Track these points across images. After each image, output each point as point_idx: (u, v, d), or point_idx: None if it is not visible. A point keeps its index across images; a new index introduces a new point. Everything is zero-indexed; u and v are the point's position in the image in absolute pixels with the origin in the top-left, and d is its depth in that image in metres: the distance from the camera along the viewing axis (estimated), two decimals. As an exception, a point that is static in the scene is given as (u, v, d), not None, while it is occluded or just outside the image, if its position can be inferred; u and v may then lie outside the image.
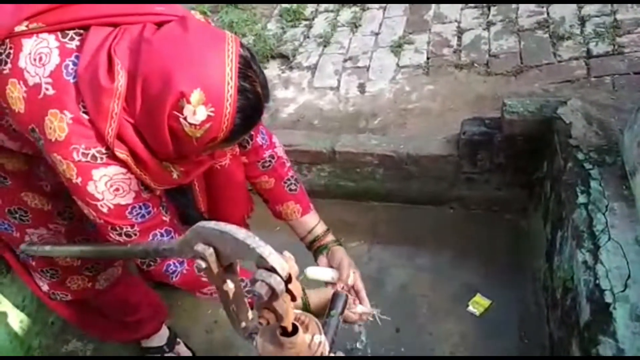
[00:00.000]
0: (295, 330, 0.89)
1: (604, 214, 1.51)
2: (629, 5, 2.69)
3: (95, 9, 1.01)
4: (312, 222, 1.53)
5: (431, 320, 1.94)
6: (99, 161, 1.01)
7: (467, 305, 1.94)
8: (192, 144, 0.99)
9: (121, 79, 0.95)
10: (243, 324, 0.99)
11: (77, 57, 0.98)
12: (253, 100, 0.98)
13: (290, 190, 1.49)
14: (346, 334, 1.43)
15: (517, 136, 2.02)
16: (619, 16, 2.64)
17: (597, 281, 1.36)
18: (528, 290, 1.95)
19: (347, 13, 3.30)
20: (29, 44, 0.99)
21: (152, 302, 1.83)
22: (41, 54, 0.98)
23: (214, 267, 0.84)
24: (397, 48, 2.92)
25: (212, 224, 0.82)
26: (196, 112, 0.92)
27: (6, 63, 0.99)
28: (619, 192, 1.56)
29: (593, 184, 1.60)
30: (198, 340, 2.01)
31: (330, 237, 1.53)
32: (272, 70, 3.03)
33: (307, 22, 3.34)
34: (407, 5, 3.22)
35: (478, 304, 1.94)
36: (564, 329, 1.56)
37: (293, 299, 0.80)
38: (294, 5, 3.44)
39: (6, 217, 1.35)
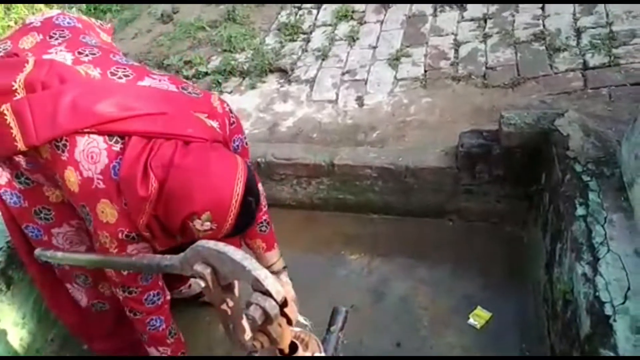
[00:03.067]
0: (295, 348, 0.89)
1: (602, 226, 1.51)
2: (624, 16, 2.71)
3: (140, 125, 1.22)
4: (272, 259, 1.71)
5: (432, 333, 1.94)
6: (134, 240, 1.29)
7: (468, 318, 1.94)
8: (196, 236, 1.21)
9: (153, 190, 1.18)
10: (242, 342, 0.99)
11: (120, 160, 1.20)
12: (250, 214, 1.25)
13: (261, 231, 1.67)
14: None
15: (515, 148, 2.03)
16: (614, 27, 2.66)
17: (597, 293, 1.35)
18: (528, 303, 1.95)
19: (344, 27, 3.32)
20: (82, 142, 1.21)
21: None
22: (92, 153, 1.21)
23: (212, 286, 0.84)
24: (394, 61, 2.93)
25: (211, 243, 0.82)
26: (203, 225, 1.18)
27: (64, 151, 1.22)
28: (617, 204, 1.56)
29: (591, 195, 1.61)
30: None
31: (284, 276, 1.71)
32: (270, 85, 3.05)
33: (305, 36, 3.36)
34: (404, 18, 3.24)
35: (478, 317, 1.93)
36: (565, 341, 1.56)
37: (289, 322, 0.80)
38: (292, 20, 3.47)
39: (33, 219, 1.49)
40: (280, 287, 0.76)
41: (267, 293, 0.75)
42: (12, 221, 1.51)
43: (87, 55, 1.31)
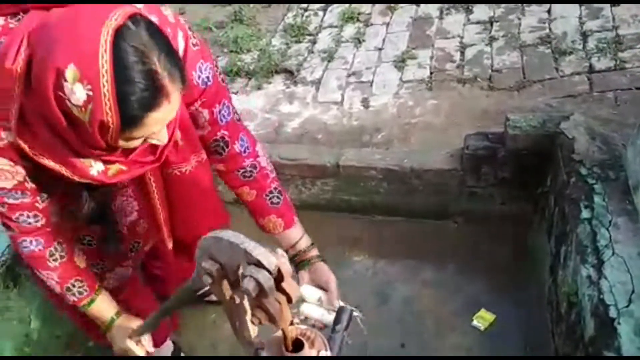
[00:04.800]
0: (301, 345, 0.90)
1: (607, 229, 1.51)
2: (631, 20, 2.71)
3: None
4: (296, 236, 1.44)
5: (436, 335, 1.94)
6: None
7: (472, 320, 1.94)
8: (87, 129, 0.92)
9: (21, 62, 0.92)
10: (248, 340, 1.00)
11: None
12: (143, 78, 0.88)
13: (272, 203, 1.41)
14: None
15: (520, 151, 2.03)
16: (620, 31, 2.66)
17: (602, 296, 1.36)
18: (533, 305, 1.95)
19: (350, 28, 3.33)
20: None
21: None
22: None
23: (220, 282, 0.85)
24: (400, 63, 2.94)
25: (210, 234, 0.82)
26: (74, 92, 0.86)
27: None
28: (622, 207, 1.56)
29: (596, 198, 1.61)
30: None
31: (313, 252, 1.45)
32: (276, 85, 3.06)
33: (311, 38, 3.37)
34: (410, 20, 3.25)
35: (483, 319, 1.93)
36: (569, 344, 1.56)
37: (289, 300, 0.78)
38: (298, 21, 3.48)
39: None
40: (272, 257, 0.74)
41: (258, 264, 0.72)
42: None
43: None
